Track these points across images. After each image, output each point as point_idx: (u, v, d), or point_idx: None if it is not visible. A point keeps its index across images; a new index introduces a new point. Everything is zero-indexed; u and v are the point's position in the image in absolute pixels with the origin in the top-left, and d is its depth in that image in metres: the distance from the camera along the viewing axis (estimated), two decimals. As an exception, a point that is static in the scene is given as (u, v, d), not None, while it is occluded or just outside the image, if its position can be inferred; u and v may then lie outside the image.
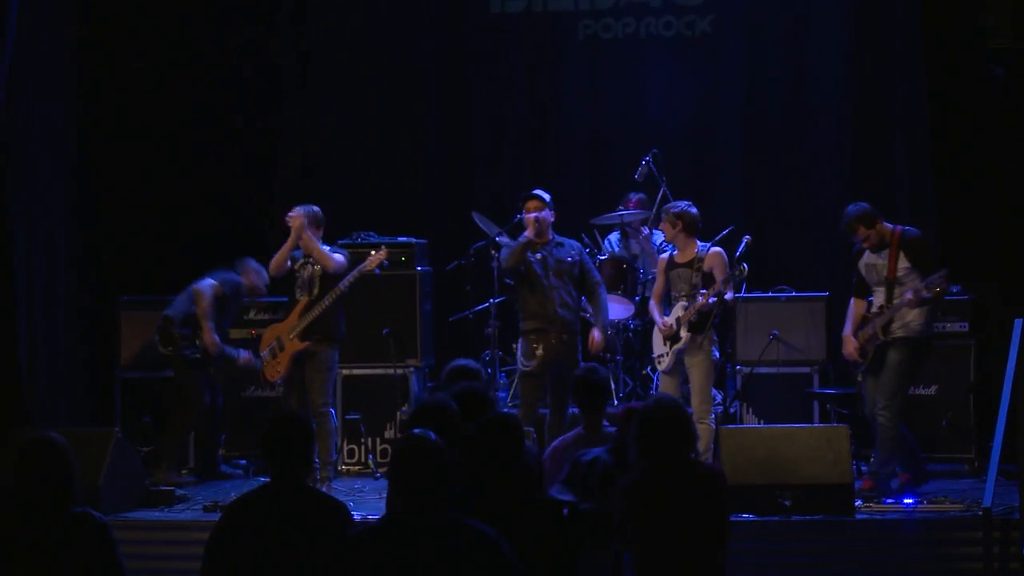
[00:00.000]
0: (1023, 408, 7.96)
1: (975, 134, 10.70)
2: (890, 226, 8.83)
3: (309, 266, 9.41)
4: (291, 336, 9.36)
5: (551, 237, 9.37)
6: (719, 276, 9.10)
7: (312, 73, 12.10)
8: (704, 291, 9.08)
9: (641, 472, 5.58)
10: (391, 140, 12.06)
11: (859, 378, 9.03)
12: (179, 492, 9.26)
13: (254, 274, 10.19)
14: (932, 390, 10.01)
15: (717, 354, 9.24)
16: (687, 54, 11.81)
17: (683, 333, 9.11)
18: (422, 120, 12.13)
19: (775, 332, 10.24)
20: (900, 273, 8.74)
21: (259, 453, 6.41)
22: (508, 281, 9.71)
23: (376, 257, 9.33)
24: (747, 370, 10.21)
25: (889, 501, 8.52)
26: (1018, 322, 8.27)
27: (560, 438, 7.24)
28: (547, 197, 9.40)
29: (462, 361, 7.02)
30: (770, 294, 10.46)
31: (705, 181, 11.52)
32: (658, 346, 9.35)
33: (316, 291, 9.36)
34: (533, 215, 9.27)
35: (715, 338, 9.22)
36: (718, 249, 9.27)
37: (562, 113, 11.98)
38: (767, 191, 11.63)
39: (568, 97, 11.95)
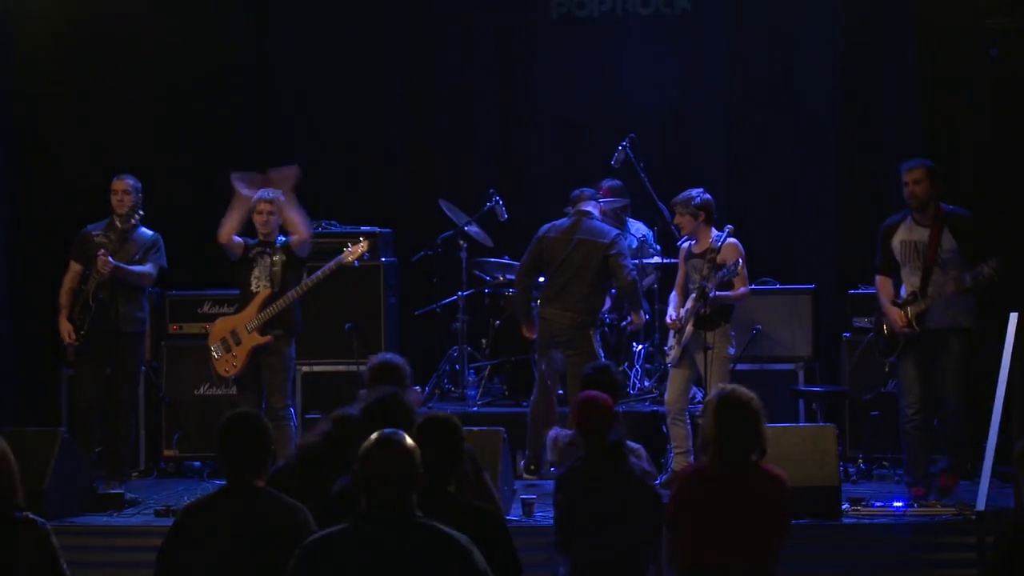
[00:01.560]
0: (1018, 406, 7.99)
1: (969, 117, 10.76)
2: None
3: (267, 256, 9.25)
4: (249, 330, 9.19)
5: None
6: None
7: (270, 51, 12.06)
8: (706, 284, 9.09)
9: (699, 464, 5.73)
10: (353, 122, 12.01)
11: (886, 368, 9.08)
12: (130, 496, 9.18)
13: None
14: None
15: (732, 350, 9.23)
16: (666, 33, 11.80)
17: (688, 327, 9.14)
18: (386, 101, 12.09)
19: (758, 327, 10.27)
20: (944, 255, 8.65)
21: (214, 454, 6.39)
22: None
23: (356, 249, 9.20)
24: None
25: (878, 504, 8.58)
26: (1013, 316, 8.30)
27: (562, 432, 7.27)
28: None
29: (388, 355, 6.93)
30: (753, 287, 10.47)
31: (685, 167, 11.49)
32: (669, 338, 9.40)
33: (280, 282, 9.20)
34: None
35: (731, 333, 9.21)
36: (733, 241, 9.19)
37: (534, 95, 11.97)
38: (751, 178, 11.64)
39: (540, 78, 11.94)
